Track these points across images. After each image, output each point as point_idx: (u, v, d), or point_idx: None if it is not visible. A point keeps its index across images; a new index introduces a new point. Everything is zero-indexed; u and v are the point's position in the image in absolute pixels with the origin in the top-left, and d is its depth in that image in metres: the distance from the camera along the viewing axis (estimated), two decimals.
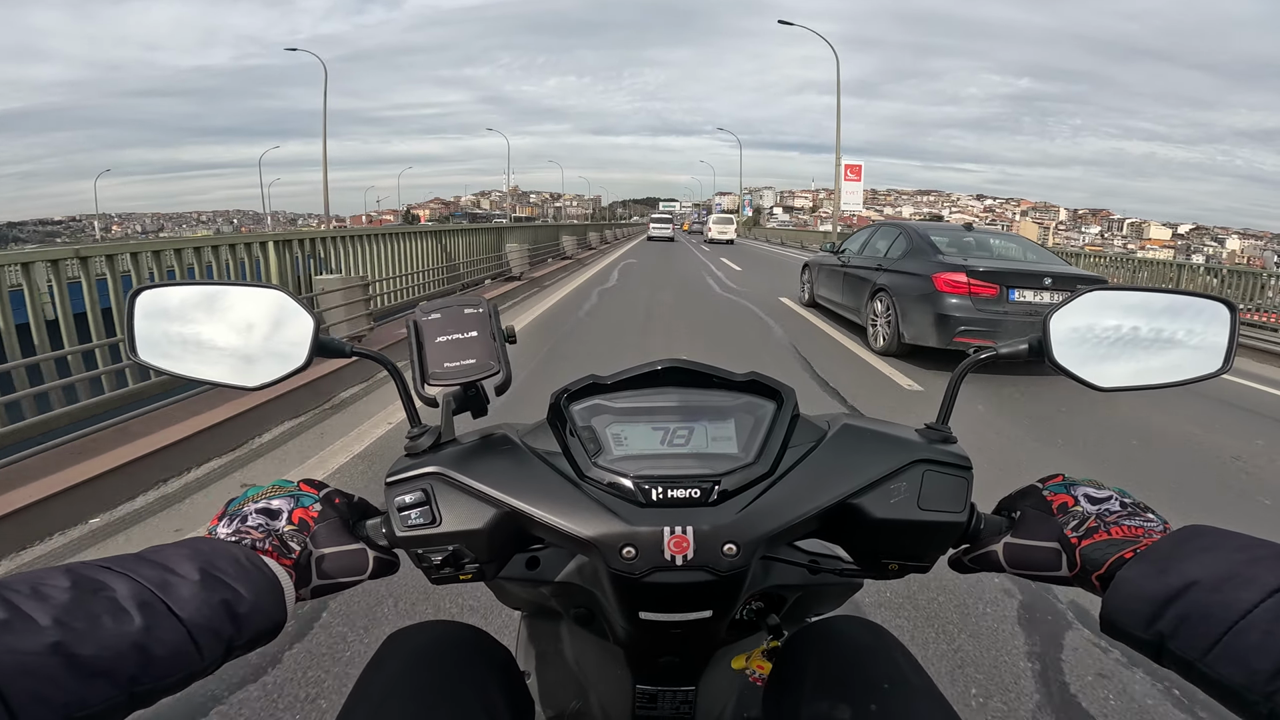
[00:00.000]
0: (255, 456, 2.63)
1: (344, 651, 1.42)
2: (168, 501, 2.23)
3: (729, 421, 0.43)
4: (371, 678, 0.46)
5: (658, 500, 0.40)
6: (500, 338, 0.46)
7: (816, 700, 0.45)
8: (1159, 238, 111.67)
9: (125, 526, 2.05)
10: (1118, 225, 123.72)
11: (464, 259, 7.79)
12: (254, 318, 0.45)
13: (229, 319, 0.45)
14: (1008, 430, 3.08)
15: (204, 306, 0.46)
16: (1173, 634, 0.32)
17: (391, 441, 2.73)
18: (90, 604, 0.29)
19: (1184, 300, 0.46)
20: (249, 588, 0.35)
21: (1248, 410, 3.73)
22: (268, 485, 0.44)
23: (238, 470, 2.51)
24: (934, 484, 0.42)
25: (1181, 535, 0.36)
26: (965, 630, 1.54)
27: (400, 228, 6.35)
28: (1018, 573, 0.43)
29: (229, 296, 0.46)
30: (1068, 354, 0.45)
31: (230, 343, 0.45)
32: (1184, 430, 3.23)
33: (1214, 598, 0.31)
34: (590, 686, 0.57)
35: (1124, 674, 1.40)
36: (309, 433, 2.91)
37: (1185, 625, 0.32)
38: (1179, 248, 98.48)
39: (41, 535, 1.94)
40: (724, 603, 0.43)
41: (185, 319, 0.45)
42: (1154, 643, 0.33)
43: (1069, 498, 0.43)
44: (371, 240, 5.62)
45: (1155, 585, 0.34)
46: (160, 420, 2.66)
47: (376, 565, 0.43)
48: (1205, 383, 0.46)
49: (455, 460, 0.42)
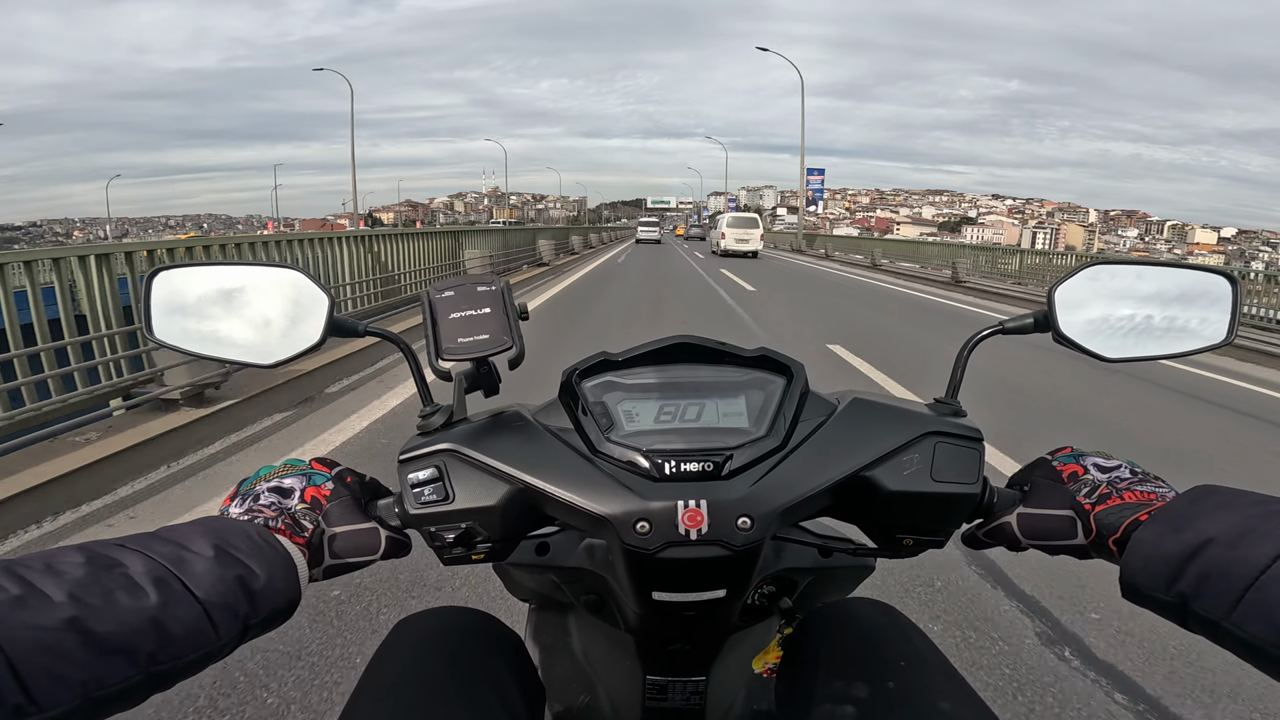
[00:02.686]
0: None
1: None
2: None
3: (740, 397, 0.47)
4: (381, 664, 0.50)
5: (671, 474, 0.43)
6: (513, 314, 0.49)
7: (831, 681, 0.49)
8: (1205, 242, 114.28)
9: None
10: (1156, 228, 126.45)
11: (406, 269, 7.29)
12: (270, 297, 0.49)
13: (245, 299, 0.49)
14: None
15: (220, 287, 0.49)
16: (1194, 594, 0.34)
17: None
18: (105, 580, 0.31)
19: (1186, 273, 0.51)
20: (262, 564, 0.37)
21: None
22: (280, 464, 0.47)
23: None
24: (946, 455, 0.46)
25: (1193, 495, 0.39)
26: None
27: (319, 233, 5.89)
28: (1033, 543, 0.47)
29: (245, 276, 0.50)
30: (1074, 326, 0.50)
31: (246, 322, 0.49)
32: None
33: (1232, 554, 0.33)
34: (599, 679, 0.61)
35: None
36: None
37: (1206, 584, 0.34)
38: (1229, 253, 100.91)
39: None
40: (738, 581, 0.46)
41: (201, 299, 0.49)
42: (1177, 604, 0.35)
43: (1079, 467, 0.47)
44: (279, 246, 5.26)
45: (1172, 544, 0.36)
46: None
47: (389, 545, 0.46)
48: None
49: (468, 437, 0.46)
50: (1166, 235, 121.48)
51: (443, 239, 8.68)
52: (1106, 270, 0.51)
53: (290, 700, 1.39)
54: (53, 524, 2.28)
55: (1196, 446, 3.34)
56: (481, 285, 0.49)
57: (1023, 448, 2.84)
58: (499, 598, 1.57)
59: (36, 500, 2.29)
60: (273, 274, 0.49)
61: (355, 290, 5.92)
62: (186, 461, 2.83)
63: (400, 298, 6.74)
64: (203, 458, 2.88)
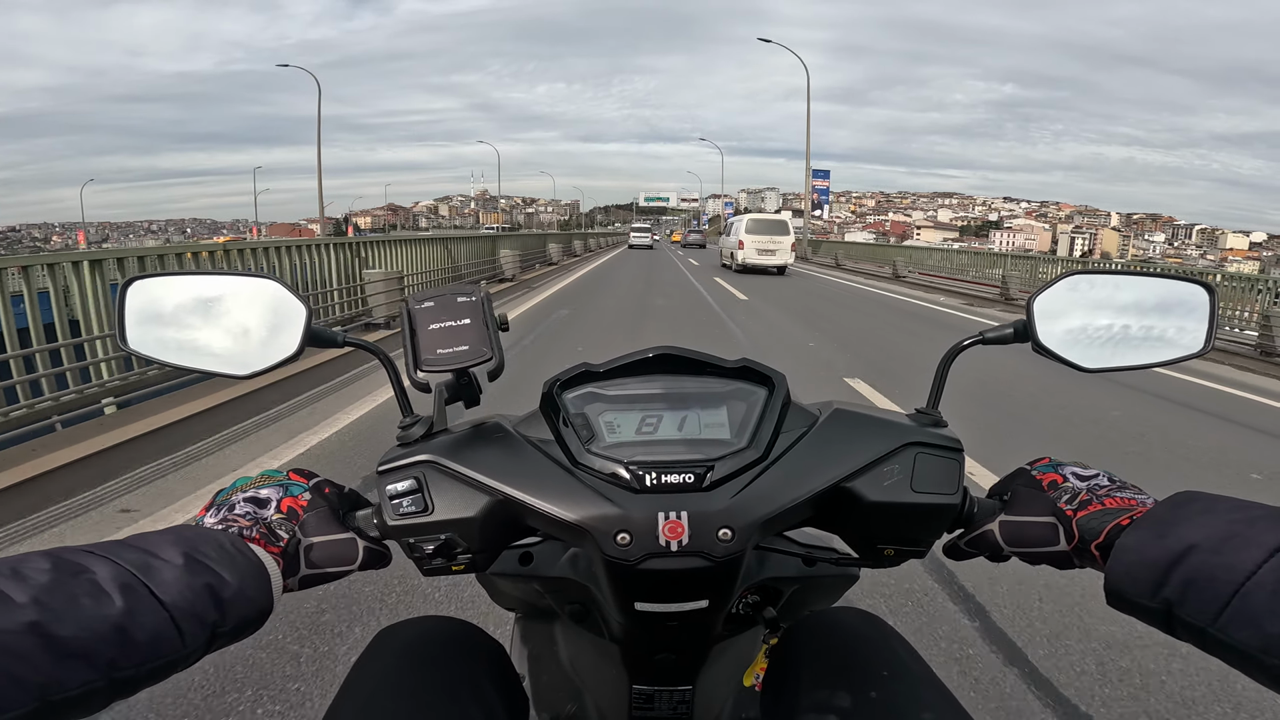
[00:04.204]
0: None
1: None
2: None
3: (721, 408, 0.49)
4: (361, 674, 0.52)
5: (651, 486, 0.45)
6: (493, 325, 0.51)
7: (815, 690, 0.51)
8: (1238, 247, 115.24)
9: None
10: (1184, 232, 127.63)
11: (336, 286, 6.63)
12: (246, 307, 0.51)
13: (221, 308, 0.51)
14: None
15: (196, 296, 0.52)
16: (1180, 600, 0.36)
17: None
18: (70, 585, 0.32)
19: (1164, 283, 0.54)
20: (233, 573, 0.39)
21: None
22: (256, 475, 0.49)
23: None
24: (926, 466, 0.48)
25: (1175, 501, 0.41)
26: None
27: (215, 244, 5.55)
28: (1015, 551, 0.50)
29: (221, 286, 0.52)
30: (1053, 336, 0.53)
31: (221, 332, 0.51)
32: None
33: (1216, 560, 0.35)
34: (586, 688, 0.64)
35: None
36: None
37: (1191, 590, 0.35)
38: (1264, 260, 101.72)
39: None
40: (720, 592, 0.49)
41: (176, 309, 0.51)
42: (1162, 611, 0.37)
43: (1058, 475, 0.50)
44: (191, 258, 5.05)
45: (1156, 550, 0.38)
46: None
47: (367, 556, 0.48)
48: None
49: (447, 448, 0.48)
50: (1195, 240, 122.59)
51: (392, 250, 8.09)
52: (1085, 280, 0.54)
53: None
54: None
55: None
56: (461, 296, 0.52)
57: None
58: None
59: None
60: (250, 284, 0.52)
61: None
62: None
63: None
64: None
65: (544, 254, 17.36)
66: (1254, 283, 8.24)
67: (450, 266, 10.16)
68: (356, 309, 6.96)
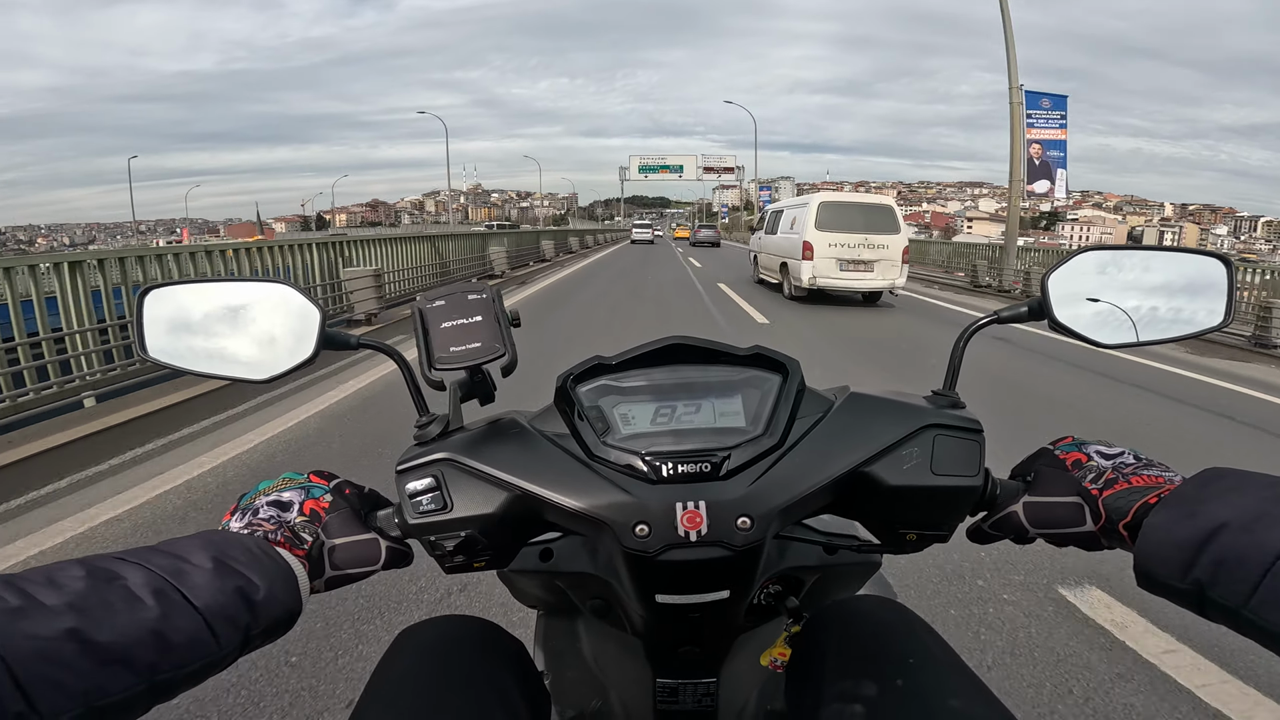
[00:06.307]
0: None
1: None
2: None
3: (735, 396, 0.52)
4: (384, 674, 0.56)
5: (668, 476, 0.48)
6: (505, 321, 0.55)
7: (840, 679, 0.54)
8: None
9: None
10: (1248, 224, 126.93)
11: (319, 282, 6.99)
12: (261, 312, 0.56)
13: (237, 315, 0.56)
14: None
15: (212, 303, 0.56)
16: (1211, 581, 0.37)
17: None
18: (105, 591, 0.35)
19: (1180, 257, 0.57)
20: (262, 576, 0.42)
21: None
22: (278, 478, 0.54)
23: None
24: (946, 448, 0.51)
25: (1204, 478, 0.42)
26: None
27: (110, 251, 5.31)
28: (1041, 533, 0.52)
29: (236, 292, 0.57)
30: (1068, 314, 0.56)
31: (238, 338, 0.56)
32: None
33: (1247, 539, 0.36)
34: (610, 684, 0.68)
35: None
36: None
37: (1222, 570, 0.36)
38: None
39: None
40: (740, 582, 0.52)
41: (194, 316, 0.56)
42: (1194, 592, 0.38)
43: (1082, 455, 0.52)
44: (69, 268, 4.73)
45: (1185, 529, 0.39)
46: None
47: (390, 555, 0.53)
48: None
49: (464, 446, 0.52)
50: (1261, 232, 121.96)
51: (324, 252, 7.97)
52: (1100, 256, 0.57)
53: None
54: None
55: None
56: (472, 294, 0.56)
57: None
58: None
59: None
60: (263, 289, 0.56)
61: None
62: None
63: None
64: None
65: (540, 251, 18.02)
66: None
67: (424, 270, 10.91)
68: (341, 304, 7.97)
